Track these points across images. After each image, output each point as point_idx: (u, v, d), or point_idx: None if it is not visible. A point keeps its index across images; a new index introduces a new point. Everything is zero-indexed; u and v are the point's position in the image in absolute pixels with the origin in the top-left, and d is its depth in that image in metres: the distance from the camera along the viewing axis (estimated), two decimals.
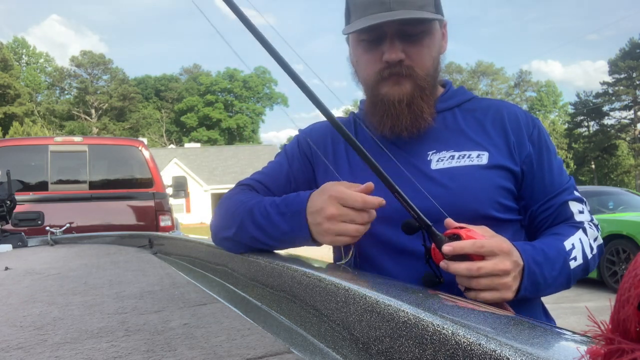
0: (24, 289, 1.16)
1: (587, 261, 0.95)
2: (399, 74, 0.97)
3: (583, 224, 0.98)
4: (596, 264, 0.99)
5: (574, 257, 0.92)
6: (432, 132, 1.02)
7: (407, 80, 0.98)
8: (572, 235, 0.95)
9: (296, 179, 1.11)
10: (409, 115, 0.98)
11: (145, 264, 1.55)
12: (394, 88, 0.98)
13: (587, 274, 0.98)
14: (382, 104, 1.00)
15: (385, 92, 0.99)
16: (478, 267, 0.78)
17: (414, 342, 0.49)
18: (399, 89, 0.98)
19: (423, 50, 0.98)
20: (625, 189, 9.01)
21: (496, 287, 0.79)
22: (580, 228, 0.97)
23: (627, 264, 6.19)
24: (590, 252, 0.96)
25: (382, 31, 0.97)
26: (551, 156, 1.02)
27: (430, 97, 1.00)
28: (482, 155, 0.97)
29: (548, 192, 1.00)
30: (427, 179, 0.97)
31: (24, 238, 2.68)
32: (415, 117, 0.98)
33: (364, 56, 1.01)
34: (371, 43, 0.99)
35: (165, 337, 0.66)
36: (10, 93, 42.94)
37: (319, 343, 0.66)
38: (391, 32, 0.96)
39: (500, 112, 1.04)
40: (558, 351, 0.38)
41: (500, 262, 0.79)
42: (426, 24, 0.97)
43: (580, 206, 1.01)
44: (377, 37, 0.98)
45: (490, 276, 0.79)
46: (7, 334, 0.73)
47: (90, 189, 5.04)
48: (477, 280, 0.79)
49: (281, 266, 0.84)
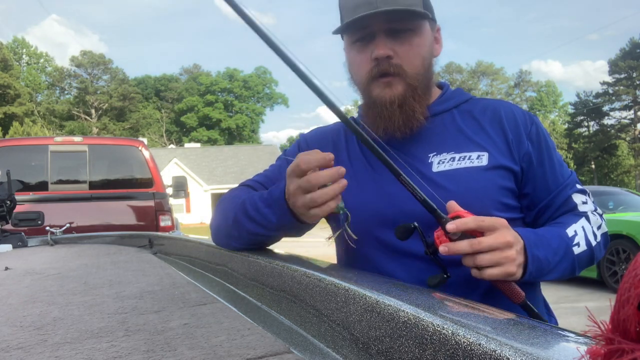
0: (24, 289, 1.16)
1: (592, 248, 0.95)
2: (388, 72, 0.98)
3: (586, 213, 0.99)
4: (602, 253, 0.99)
5: (576, 243, 0.93)
6: (432, 134, 1.02)
7: (397, 80, 0.99)
8: (574, 222, 0.96)
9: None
10: (401, 116, 0.99)
11: (145, 264, 1.55)
12: (385, 90, 0.99)
13: (593, 263, 0.98)
14: (375, 106, 1.01)
15: (377, 94, 1.00)
16: (479, 240, 0.79)
17: (414, 342, 0.49)
18: (390, 91, 0.99)
19: (412, 49, 0.99)
20: (625, 189, 9.02)
21: (499, 262, 0.80)
22: (583, 216, 0.98)
23: (627, 264, 6.19)
24: (594, 239, 0.96)
25: (371, 30, 0.98)
26: (551, 152, 1.02)
27: (422, 98, 1.01)
28: (482, 156, 0.98)
29: (551, 188, 1.00)
30: (428, 181, 0.98)
31: (24, 238, 2.68)
32: (407, 117, 0.99)
33: (356, 58, 1.03)
34: (362, 44, 1.01)
35: (165, 337, 0.66)
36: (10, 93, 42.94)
37: (319, 343, 0.66)
38: (379, 30, 0.98)
39: (497, 111, 1.04)
40: (558, 351, 0.38)
41: (501, 235, 0.80)
42: (414, 22, 0.99)
43: (584, 197, 1.01)
44: (367, 37, 1.00)
45: (492, 250, 0.80)
46: (7, 334, 0.73)
47: (90, 189, 5.04)
48: (480, 257, 0.80)
49: (281, 266, 0.84)
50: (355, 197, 1.02)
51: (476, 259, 0.80)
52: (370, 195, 1.02)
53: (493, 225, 0.81)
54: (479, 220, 0.80)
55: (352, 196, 1.03)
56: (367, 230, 1.02)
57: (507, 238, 0.81)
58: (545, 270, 0.88)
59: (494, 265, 0.80)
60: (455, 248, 0.80)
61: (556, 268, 0.90)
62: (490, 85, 56.77)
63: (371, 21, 0.97)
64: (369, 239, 1.01)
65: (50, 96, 53.61)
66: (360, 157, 1.07)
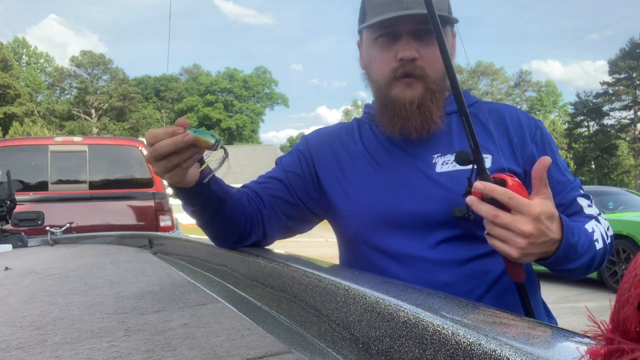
0: (24, 289, 1.16)
1: (606, 247, 0.95)
2: (412, 73, 0.98)
3: (594, 216, 0.99)
4: (607, 256, 0.98)
5: (596, 239, 0.92)
6: (437, 136, 1.03)
7: (418, 82, 0.99)
8: (589, 221, 0.95)
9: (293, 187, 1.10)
10: (419, 117, 0.99)
11: (145, 264, 1.55)
12: (405, 90, 0.99)
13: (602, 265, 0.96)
14: (393, 105, 1.01)
15: (396, 93, 1.00)
16: (495, 214, 0.77)
17: (414, 342, 0.49)
18: (411, 91, 0.99)
19: (436, 52, 0.99)
20: (625, 189, 9.02)
21: (507, 240, 0.79)
22: (593, 218, 0.98)
23: (627, 264, 6.20)
24: (608, 239, 0.96)
25: (398, 30, 0.98)
26: (556, 156, 1.02)
27: (439, 101, 1.01)
28: (485, 158, 0.98)
29: (556, 191, 1.00)
30: (431, 182, 0.98)
31: (24, 238, 2.68)
32: (425, 119, 0.99)
33: (378, 55, 1.02)
34: (386, 42, 1.00)
35: (165, 337, 0.66)
36: (10, 93, 42.93)
37: (319, 343, 0.66)
38: (406, 30, 0.98)
39: (502, 115, 1.05)
40: (558, 351, 0.38)
41: (521, 221, 0.77)
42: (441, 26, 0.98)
43: (588, 202, 1.02)
44: (393, 36, 0.99)
45: (506, 230, 0.78)
46: (7, 334, 0.73)
47: (90, 189, 5.04)
48: (492, 227, 0.79)
49: (281, 266, 0.84)
50: (360, 197, 1.02)
51: (489, 227, 0.80)
52: (375, 194, 1.02)
53: (519, 208, 0.77)
54: (508, 194, 0.77)
55: (356, 196, 1.03)
56: (368, 230, 1.02)
57: (527, 227, 0.77)
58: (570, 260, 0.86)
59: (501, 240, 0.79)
60: (477, 207, 0.79)
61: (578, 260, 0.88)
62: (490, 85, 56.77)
63: (401, 21, 0.97)
64: (372, 239, 1.01)
65: (50, 96, 53.60)
66: (364, 156, 1.06)
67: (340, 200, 1.06)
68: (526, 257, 0.80)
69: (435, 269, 0.95)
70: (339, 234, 1.11)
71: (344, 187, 1.05)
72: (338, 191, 1.06)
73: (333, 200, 1.07)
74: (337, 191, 1.06)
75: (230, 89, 58.63)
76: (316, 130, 1.21)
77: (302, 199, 1.09)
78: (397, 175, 1.00)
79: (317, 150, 1.12)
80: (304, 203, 1.09)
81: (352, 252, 1.08)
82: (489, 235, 0.81)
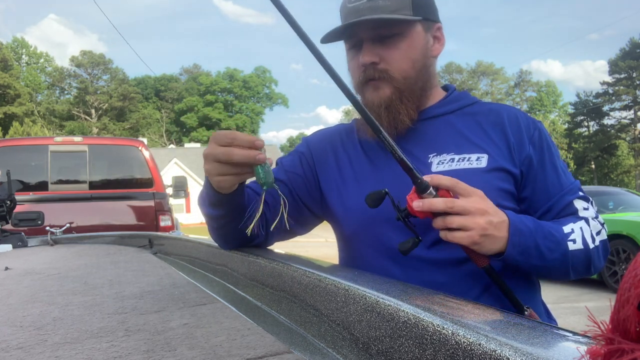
0: (24, 289, 1.16)
1: (588, 249, 0.93)
2: (373, 77, 1.01)
3: (586, 217, 0.98)
4: (601, 261, 0.98)
5: (572, 239, 0.92)
6: (433, 135, 1.03)
7: (385, 84, 1.01)
8: (572, 222, 0.95)
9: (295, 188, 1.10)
10: (387, 117, 1.01)
11: (145, 264, 1.55)
12: (374, 93, 1.02)
13: (590, 269, 0.96)
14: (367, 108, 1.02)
15: (367, 96, 1.03)
16: (453, 200, 0.81)
17: (414, 342, 0.49)
18: (378, 94, 1.01)
19: (398, 53, 1.01)
20: (625, 189, 9.02)
21: (468, 226, 0.81)
22: (583, 219, 0.97)
23: (627, 264, 6.20)
24: (592, 242, 0.95)
25: (359, 37, 1.02)
26: (554, 158, 1.02)
27: (411, 100, 1.02)
28: (481, 158, 0.98)
29: (552, 193, 0.99)
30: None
31: (24, 238, 2.68)
32: (393, 118, 1.01)
33: (350, 64, 1.07)
34: (354, 51, 1.05)
35: (165, 337, 0.66)
36: (10, 93, 42.92)
37: (319, 343, 0.66)
38: (366, 37, 1.01)
39: (500, 115, 1.04)
40: (558, 351, 0.38)
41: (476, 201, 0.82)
42: (401, 27, 1.00)
43: (586, 204, 1.00)
44: (357, 44, 1.03)
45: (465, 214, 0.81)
46: (7, 334, 0.73)
47: (90, 189, 5.04)
48: (451, 218, 0.81)
49: (281, 266, 0.84)
50: (358, 197, 1.02)
51: (446, 220, 0.81)
52: None
53: (467, 191, 0.82)
54: (455, 181, 0.81)
55: (353, 196, 1.03)
56: (364, 230, 1.02)
57: (481, 205, 0.82)
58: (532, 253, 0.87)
59: (462, 229, 0.81)
60: (430, 203, 0.81)
61: (545, 255, 0.88)
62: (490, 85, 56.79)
63: (358, 29, 1.00)
64: (368, 239, 1.02)
65: (50, 96, 53.61)
66: (362, 158, 1.07)
67: (337, 201, 1.06)
68: (487, 238, 0.82)
69: (432, 269, 0.95)
70: (338, 234, 1.12)
71: (340, 188, 1.06)
72: (335, 191, 1.07)
73: (331, 201, 1.07)
74: (335, 191, 1.07)
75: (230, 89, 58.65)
76: (317, 131, 1.22)
77: (303, 199, 1.09)
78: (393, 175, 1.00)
79: (318, 152, 1.13)
80: (304, 204, 1.10)
81: (350, 252, 1.08)
82: (444, 231, 0.83)
